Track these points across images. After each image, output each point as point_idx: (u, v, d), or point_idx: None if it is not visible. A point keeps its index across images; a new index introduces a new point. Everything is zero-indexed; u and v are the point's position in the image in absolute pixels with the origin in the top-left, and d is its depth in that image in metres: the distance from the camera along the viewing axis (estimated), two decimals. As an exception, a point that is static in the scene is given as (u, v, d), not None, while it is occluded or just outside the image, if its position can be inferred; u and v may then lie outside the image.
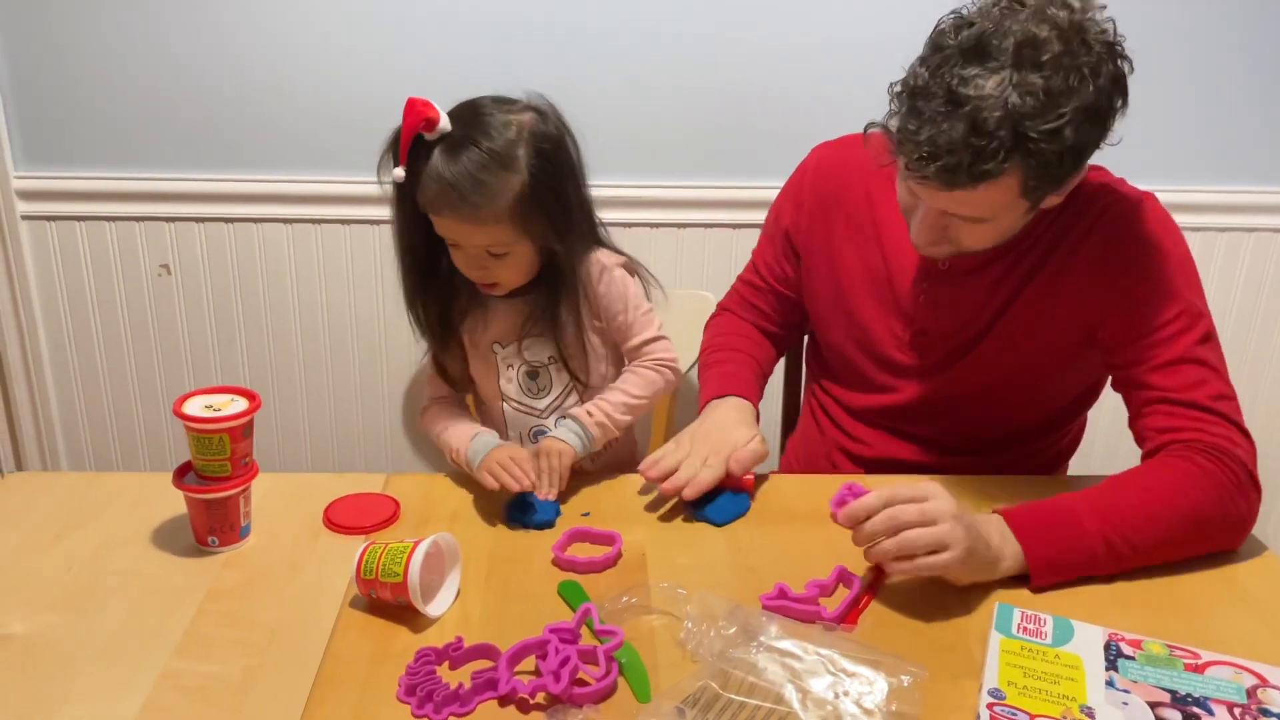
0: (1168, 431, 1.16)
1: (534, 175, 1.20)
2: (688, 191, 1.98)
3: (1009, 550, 1.06)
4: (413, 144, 1.19)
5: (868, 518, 1.02)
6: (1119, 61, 1.06)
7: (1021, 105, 1.01)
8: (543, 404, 1.31)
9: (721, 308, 1.59)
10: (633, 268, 1.36)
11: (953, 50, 1.04)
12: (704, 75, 1.91)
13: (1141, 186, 1.27)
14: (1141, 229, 1.22)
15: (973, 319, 1.30)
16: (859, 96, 1.55)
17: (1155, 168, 1.93)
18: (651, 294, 1.38)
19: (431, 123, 1.16)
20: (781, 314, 1.52)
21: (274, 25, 1.84)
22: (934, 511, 1.00)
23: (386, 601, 1.00)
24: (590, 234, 1.31)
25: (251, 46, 1.85)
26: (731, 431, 1.27)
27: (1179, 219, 1.26)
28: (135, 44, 1.84)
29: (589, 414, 1.27)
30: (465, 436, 1.28)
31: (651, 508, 1.23)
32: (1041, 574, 1.06)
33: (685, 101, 1.92)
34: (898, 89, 1.10)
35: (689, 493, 1.19)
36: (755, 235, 1.98)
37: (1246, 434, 1.17)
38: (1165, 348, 1.18)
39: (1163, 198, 1.27)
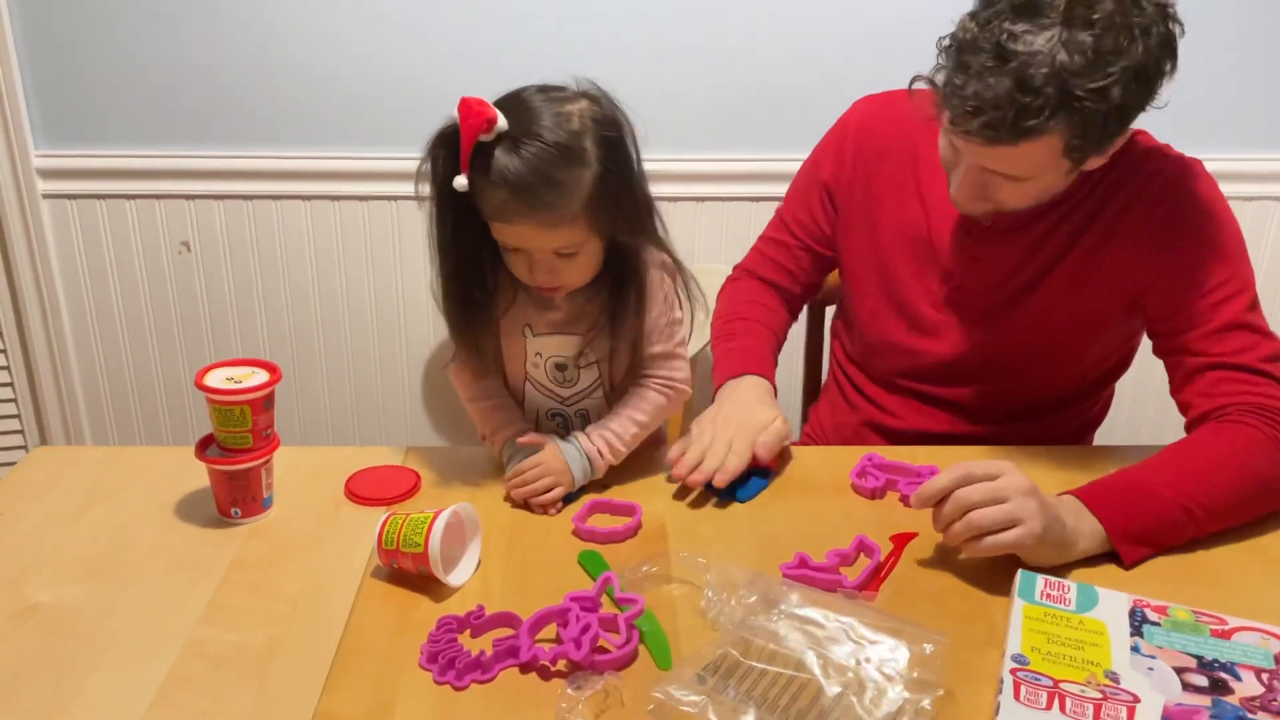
0: (1221, 395, 1.16)
1: (604, 166, 1.09)
2: (706, 165, 1.97)
3: (1086, 527, 1.04)
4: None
5: (941, 498, 1.01)
6: (1170, 24, 1.04)
7: (1070, 63, 1.00)
8: (567, 392, 1.29)
9: (740, 270, 1.54)
10: (672, 269, 1.26)
11: (1004, 5, 1.03)
12: (722, 47, 1.89)
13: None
14: (1191, 195, 1.20)
15: (1011, 277, 1.29)
16: (879, 68, 1.54)
17: (1191, 133, 1.90)
18: (692, 294, 1.28)
19: (491, 123, 1.05)
20: (807, 273, 1.49)
21: (292, 1, 1.84)
22: (1003, 489, 0.99)
23: (408, 571, 1.01)
24: (654, 226, 1.20)
25: (270, 23, 1.85)
26: (753, 413, 1.25)
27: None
28: (154, 23, 1.85)
29: (593, 445, 1.21)
30: (495, 426, 1.26)
31: (673, 484, 1.23)
32: (1127, 548, 1.04)
33: (703, 74, 1.90)
34: (945, 42, 1.09)
35: (719, 480, 1.17)
36: (774, 208, 1.98)
37: None
38: (1214, 314, 1.18)
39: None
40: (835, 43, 1.89)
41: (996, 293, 1.31)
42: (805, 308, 1.59)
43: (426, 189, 1.14)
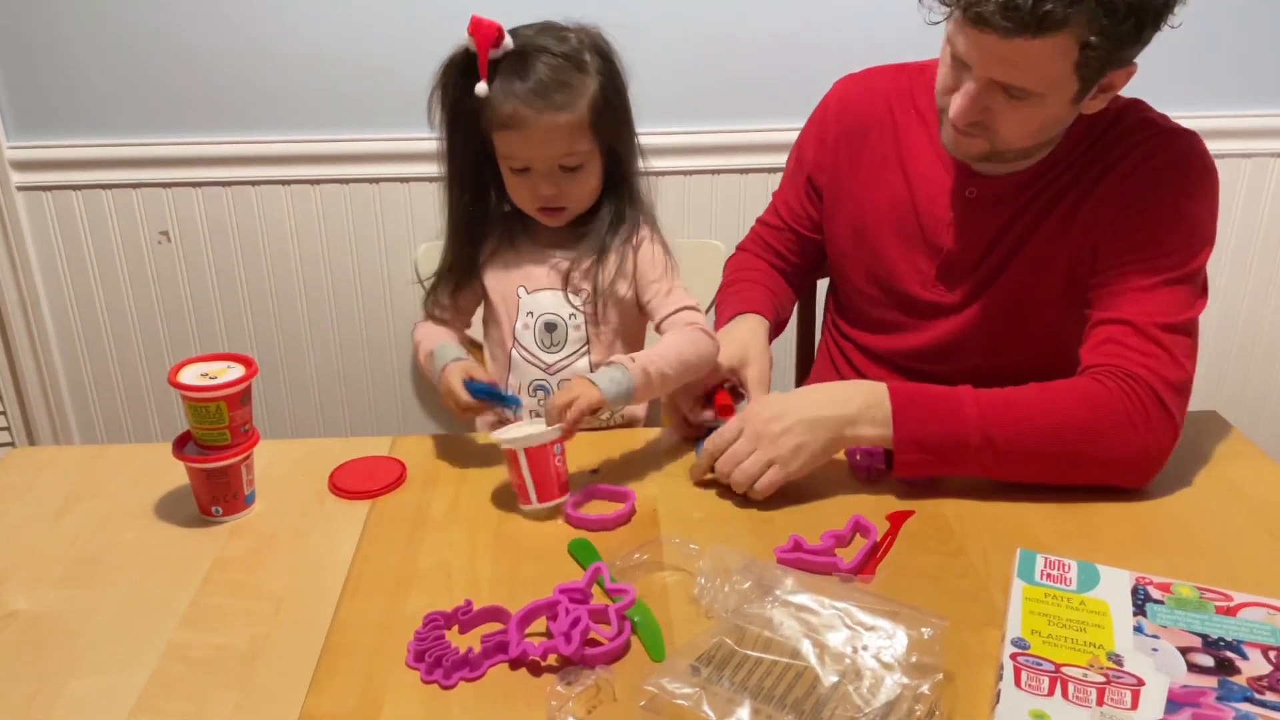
0: (1104, 355, 1.13)
1: (604, 77, 1.19)
2: (694, 137, 1.93)
3: (870, 416, 1.10)
4: (474, 66, 1.15)
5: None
6: None
7: None
8: (552, 359, 1.28)
9: (740, 249, 1.56)
10: (654, 232, 1.31)
11: None
12: (710, 17, 1.85)
13: (1168, 112, 1.22)
14: (1170, 162, 1.17)
15: (996, 243, 1.27)
16: (870, 38, 1.51)
17: (1183, 92, 1.87)
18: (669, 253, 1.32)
19: (502, 35, 1.14)
20: (800, 256, 1.49)
21: (262, -20, 1.80)
22: (740, 450, 1.10)
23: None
24: (638, 157, 1.28)
25: (245, 5, 1.81)
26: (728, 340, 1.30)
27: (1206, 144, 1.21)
28: (125, 9, 1.81)
29: (634, 361, 1.16)
30: (431, 344, 1.27)
31: (661, 461, 1.21)
32: (904, 452, 1.08)
33: (691, 45, 1.87)
34: None
35: (760, 489, 1.11)
36: (764, 180, 1.95)
37: (1181, 369, 1.12)
38: (1143, 277, 1.14)
39: (1188, 123, 1.21)
40: (824, 13, 1.85)
41: (984, 263, 1.28)
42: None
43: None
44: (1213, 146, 1.19)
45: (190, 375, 1.05)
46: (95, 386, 2.09)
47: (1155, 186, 1.17)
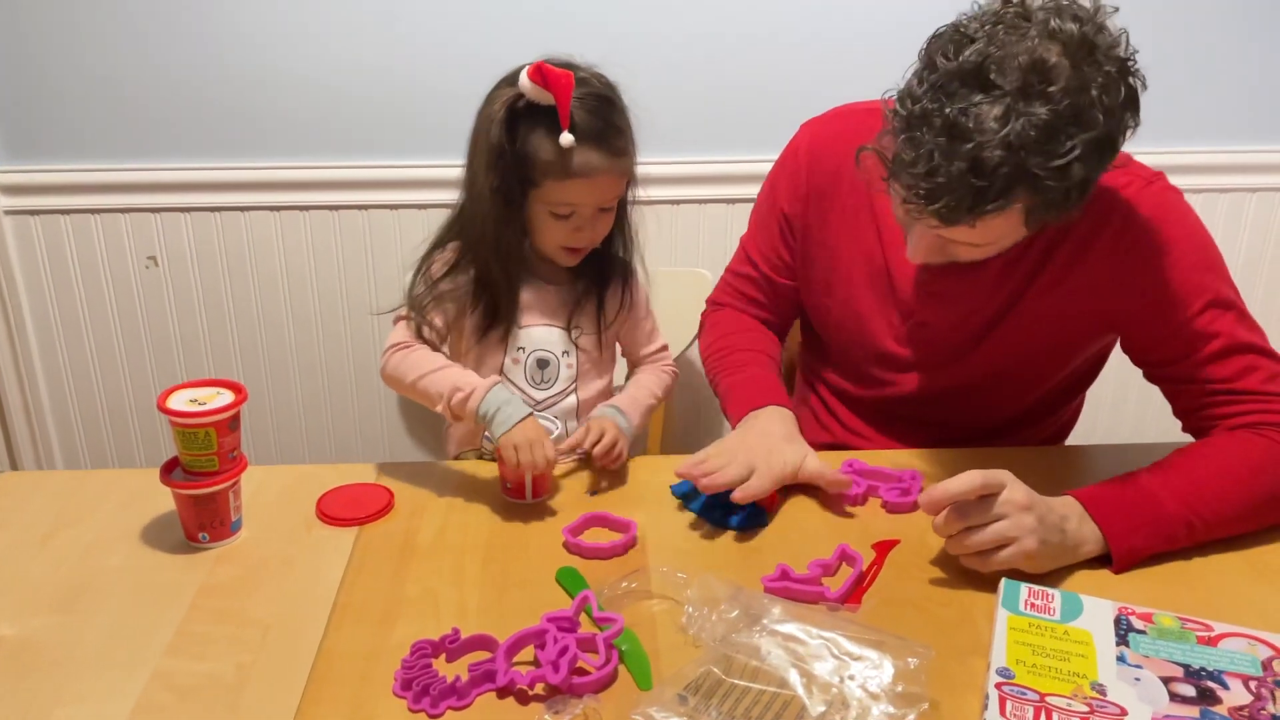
0: (1234, 417, 1.14)
1: (627, 117, 1.22)
2: (681, 167, 1.95)
3: (1088, 533, 1.03)
4: (526, 116, 1.16)
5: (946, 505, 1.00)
6: (1131, 79, 0.97)
7: (1025, 141, 0.93)
8: (541, 395, 1.29)
9: (714, 303, 1.49)
10: (642, 269, 1.38)
11: (951, 71, 0.95)
12: (697, 49, 1.88)
13: (1171, 147, 1.22)
14: (1157, 219, 1.15)
15: (974, 313, 1.25)
16: (853, 69, 1.53)
17: (1185, 127, 1.91)
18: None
19: (571, 89, 1.15)
20: (778, 304, 1.43)
21: (254, 9, 1.81)
22: (999, 506, 0.98)
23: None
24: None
25: (235, 32, 1.83)
26: (781, 446, 1.18)
27: (1182, 181, 1.22)
28: (114, 34, 1.81)
29: (622, 403, 1.26)
30: (475, 380, 1.18)
31: (650, 490, 1.21)
32: (1124, 560, 1.03)
33: (677, 75, 1.89)
34: (893, 111, 1.02)
35: (739, 495, 1.10)
36: (750, 210, 1.96)
37: None
38: (1207, 338, 1.14)
39: (1165, 160, 1.23)
40: (812, 43, 1.87)
41: (960, 329, 1.27)
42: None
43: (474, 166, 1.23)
44: (1189, 181, 1.20)
45: (179, 401, 1.05)
46: (80, 411, 2.08)
47: (1157, 248, 1.14)
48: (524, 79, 1.14)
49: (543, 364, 1.28)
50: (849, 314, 1.34)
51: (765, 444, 1.19)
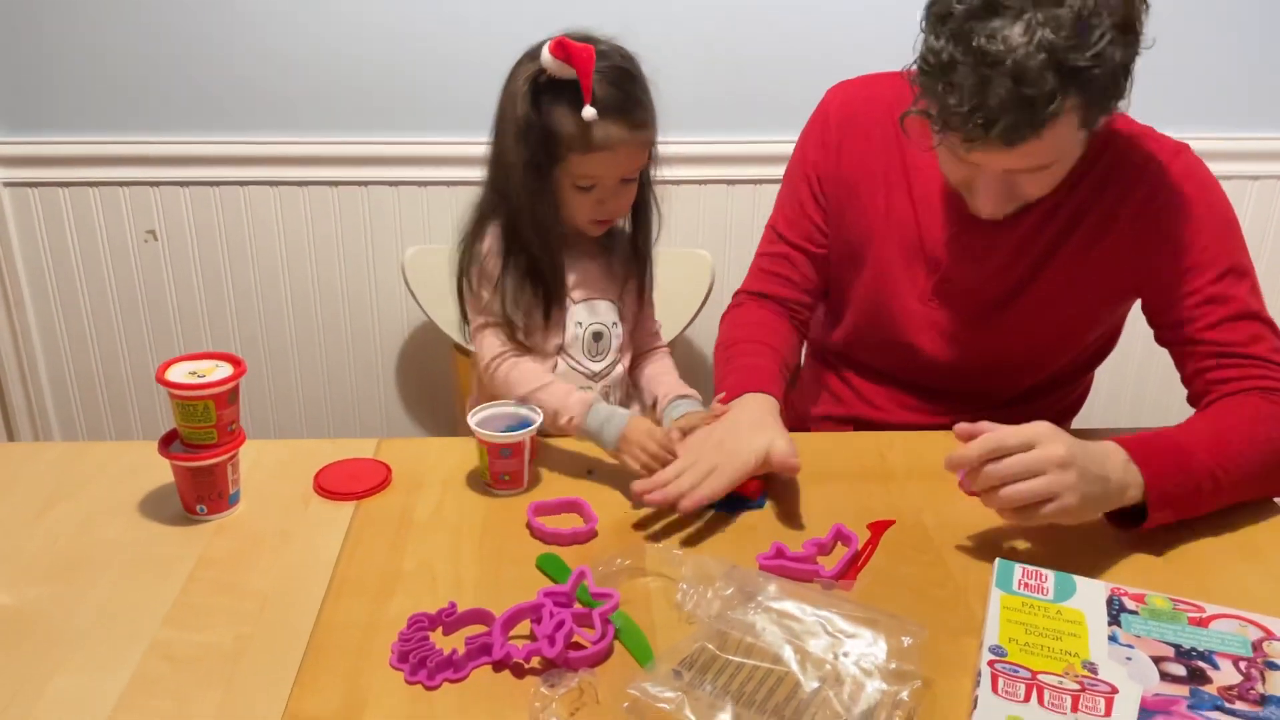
0: (1237, 380, 1.17)
1: (648, 90, 1.22)
2: (683, 147, 1.93)
3: (1132, 479, 1.04)
4: (550, 89, 1.17)
5: (981, 463, 0.99)
6: None
7: (1058, 40, 0.97)
8: (597, 367, 1.31)
9: (741, 294, 1.47)
10: None
11: (961, 13, 1.00)
12: (699, 28, 1.87)
13: (1172, 133, 1.25)
14: (1183, 187, 1.19)
15: (1001, 272, 1.27)
16: (860, 48, 1.52)
17: (1187, 114, 1.91)
18: None
19: (593, 63, 1.15)
20: (810, 278, 1.42)
21: (254, -18, 1.80)
22: (1037, 462, 0.97)
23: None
24: None
25: (236, 5, 1.81)
26: (744, 438, 1.14)
27: (1212, 166, 1.24)
28: (114, 5, 1.80)
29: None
30: (573, 403, 1.20)
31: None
32: (1158, 511, 1.04)
33: (679, 55, 1.88)
34: (919, 71, 1.05)
35: (685, 504, 1.07)
36: (752, 191, 1.96)
37: None
38: (1220, 303, 1.18)
39: (1194, 145, 1.25)
40: (815, 23, 1.86)
41: (985, 289, 1.29)
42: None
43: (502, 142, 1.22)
44: (1218, 169, 1.23)
45: (178, 374, 1.05)
46: (77, 384, 2.08)
47: (1182, 215, 1.19)
48: (546, 54, 1.15)
49: (598, 336, 1.31)
50: (876, 272, 1.35)
51: (731, 439, 1.15)
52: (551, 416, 1.20)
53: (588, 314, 1.31)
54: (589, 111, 1.14)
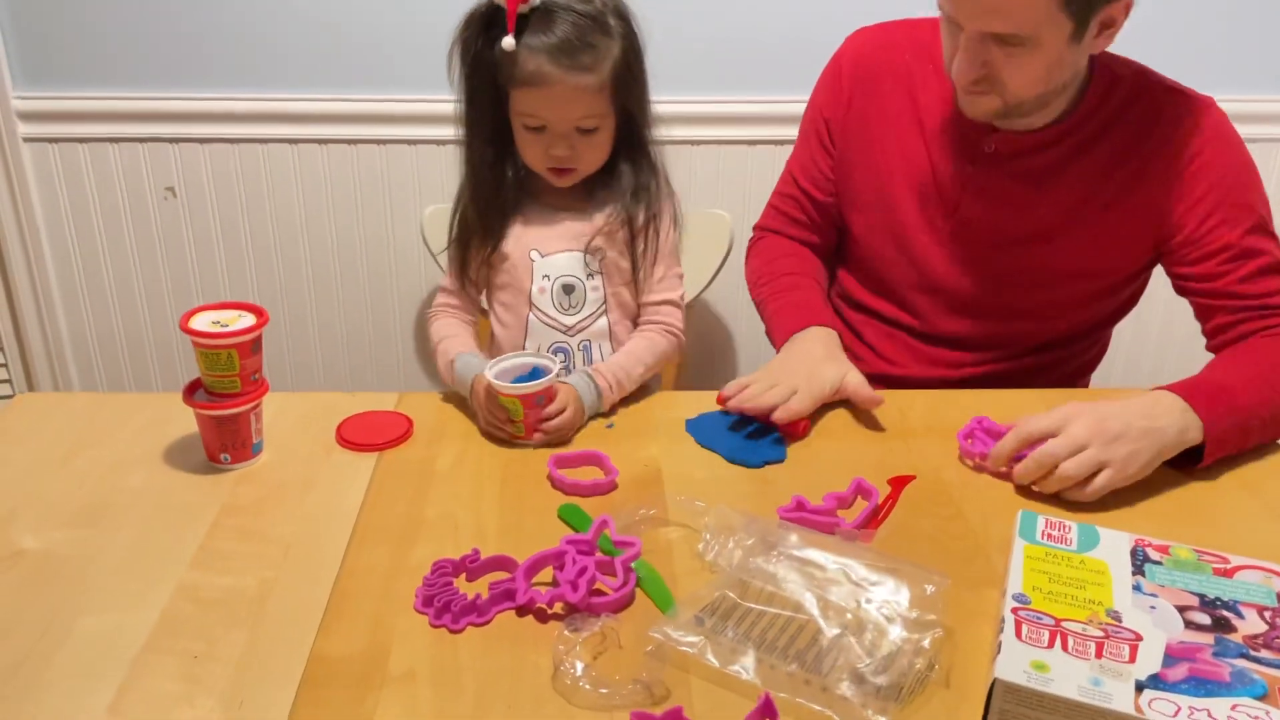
0: (1269, 330, 1.19)
1: (625, 42, 1.20)
2: (702, 107, 1.93)
3: (1190, 422, 1.06)
4: (497, 20, 1.16)
5: (1016, 459, 1.05)
6: None
7: None
8: (571, 320, 1.30)
9: (761, 229, 1.52)
10: (679, 221, 1.35)
11: None
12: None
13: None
14: (1211, 143, 1.20)
15: (1020, 214, 1.27)
16: (884, 5, 1.50)
17: (1221, 75, 1.88)
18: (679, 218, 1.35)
19: None
20: (823, 223, 1.45)
21: (273, -65, 1.79)
22: (1080, 437, 1.02)
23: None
24: (651, 121, 1.29)
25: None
26: (821, 366, 1.22)
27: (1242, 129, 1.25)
28: (132, -42, 1.79)
29: (605, 380, 1.23)
30: (449, 358, 1.25)
31: (667, 420, 1.22)
32: (1215, 449, 1.08)
33: (698, 13, 1.86)
34: None
35: (779, 415, 1.13)
36: (772, 152, 1.95)
37: None
38: (1250, 259, 1.20)
39: (1225, 107, 1.25)
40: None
41: (1002, 231, 1.28)
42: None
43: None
44: (1247, 130, 1.25)
45: (202, 322, 1.05)
46: (97, 339, 2.09)
47: (1214, 171, 1.20)
48: None
49: (568, 289, 1.29)
50: (891, 218, 1.35)
51: (806, 365, 1.22)
52: (445, 368, 1.26)
53: (555, 267, 1.29)
54: (507, 41, 1.15)
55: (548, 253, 1.29)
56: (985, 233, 1.29)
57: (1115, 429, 1.02)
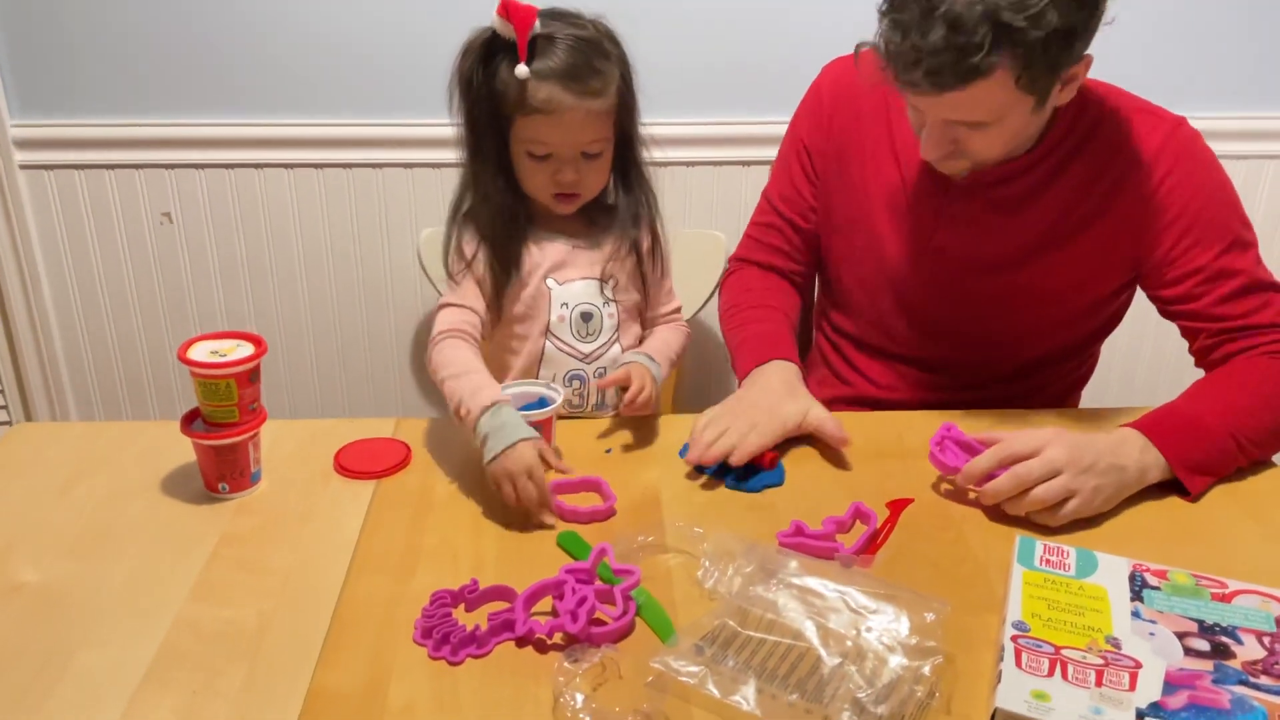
0: (1253, 349, 1.19)
1: (621, 66, 1.21)
2: (696, 128, 1.94)
3: (1151, 461, 1.08)
4: (497, 49, 1.17)
5: (988, 476, 1.05)
6: None
7: None
8: (589, 348, 1.30)
9: (736, 261, 1.51)
10: (662, 225, 1.37)
11: None
12: (713, 6, 1.86)
13: (1187, 113, 1.25)
14: (1183, 162, 1.20)
15: (991, 241, 1.27)
16: (867, 25, 1.51)
17: (1203, 93, 1.91)
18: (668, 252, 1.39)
19: (533, 19, 1.15)
20: (805, 251, 1.46)
21: (268, -37, 1.80)
22: (1056, 462, 1.03)
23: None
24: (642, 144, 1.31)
25: (246, -14, 1.81)
26: (781, 403, 1.20)
27: (1226, 146, 1.27)
28: (129, -14, 1.80)
29: (655, 357, 1.29)
30: (478, 401, 1.11)
31: (665, 446, 1.22)
32: (1191, 478, 1.09)
33: (691, 34, 1.87)
34: (880, 6, 1.08)
35: (735, 458, 1.12)
36: (766, 172, 1.95)
37: None
38: (1228, 280, 1.20)
39: (1210, 125, 1.26)
40: (833, 6, 1.85)
41: (979, 257, 1.29)
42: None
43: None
44: (1231, 148, 1.25)
45: (200, 352, 1.05)
46: (94, 367, 2.09)
47: (1186, 192, 1.20)
48: (494, 15, 1.15)
49: (586, 317, 1.30)
50: (870, 245, 1.36)
51: (767, 400, 1.22)
52: (455, 405, 1.13)
53: (572, 294, 1.30)
54: (521, 69, 1.14)
55: (564, 281, 1.29)
56: (961, 259, 1.30)
57: (1088, 460, 1.04)
